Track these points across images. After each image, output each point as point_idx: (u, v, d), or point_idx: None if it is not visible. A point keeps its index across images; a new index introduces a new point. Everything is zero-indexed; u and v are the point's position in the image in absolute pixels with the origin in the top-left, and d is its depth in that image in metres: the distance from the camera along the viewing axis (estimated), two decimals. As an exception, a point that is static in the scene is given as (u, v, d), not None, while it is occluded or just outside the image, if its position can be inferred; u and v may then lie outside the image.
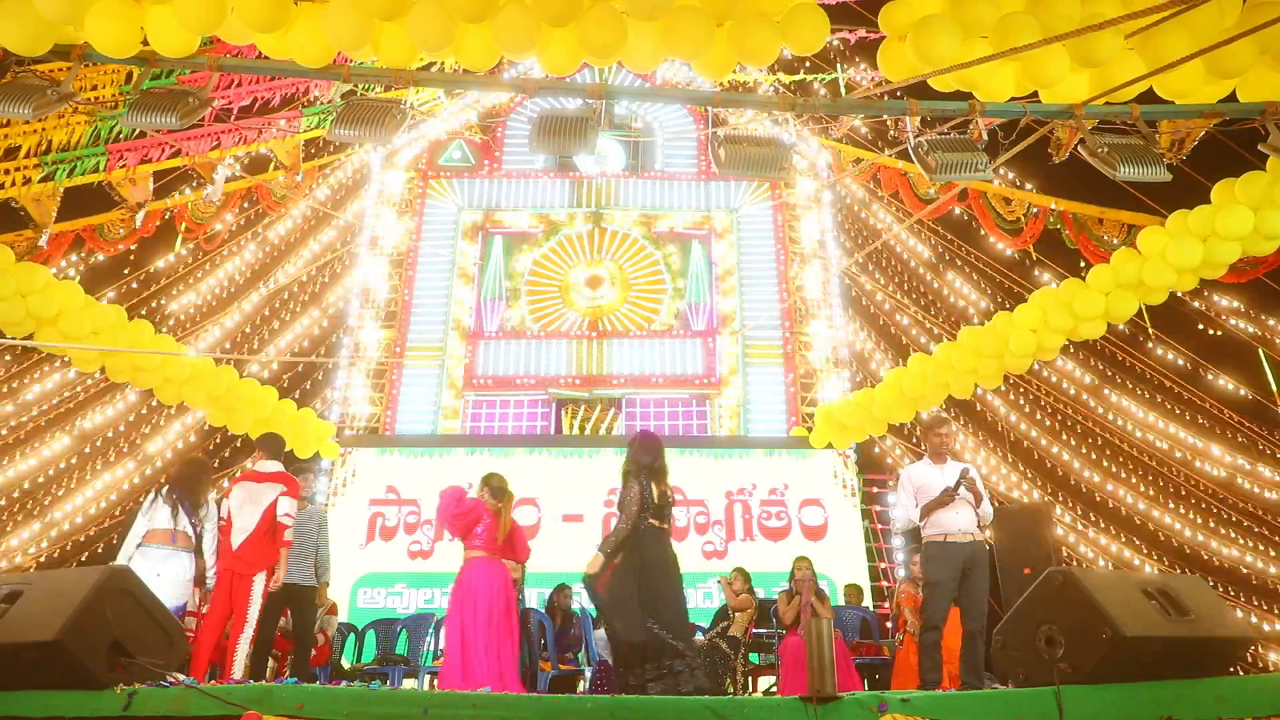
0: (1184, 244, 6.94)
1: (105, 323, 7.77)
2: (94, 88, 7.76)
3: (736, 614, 7.69)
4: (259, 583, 5.58)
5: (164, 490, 5.51)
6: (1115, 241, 8.70)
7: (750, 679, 7.60)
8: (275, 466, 5.97)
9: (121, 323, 8.01)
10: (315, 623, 6.73)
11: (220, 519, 5.69)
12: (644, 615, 4.88)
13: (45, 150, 7.80)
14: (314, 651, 6.83)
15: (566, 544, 10.42)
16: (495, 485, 5.86)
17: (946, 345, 9.13)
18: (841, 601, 9.19)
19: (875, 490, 11.22)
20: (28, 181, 7.78)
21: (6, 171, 7.71)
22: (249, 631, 5.49)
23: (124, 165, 8.34)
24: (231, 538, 5.64)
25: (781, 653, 6.84)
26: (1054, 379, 12.80)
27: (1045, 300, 8.09)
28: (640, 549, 5.08)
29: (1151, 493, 12.65)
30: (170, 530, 5.33)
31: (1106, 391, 12.69)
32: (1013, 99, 5.31)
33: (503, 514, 5.75)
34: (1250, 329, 11.04)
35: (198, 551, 5.44)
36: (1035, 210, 9.67)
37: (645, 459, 5.28)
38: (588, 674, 6.70)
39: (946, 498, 5.26)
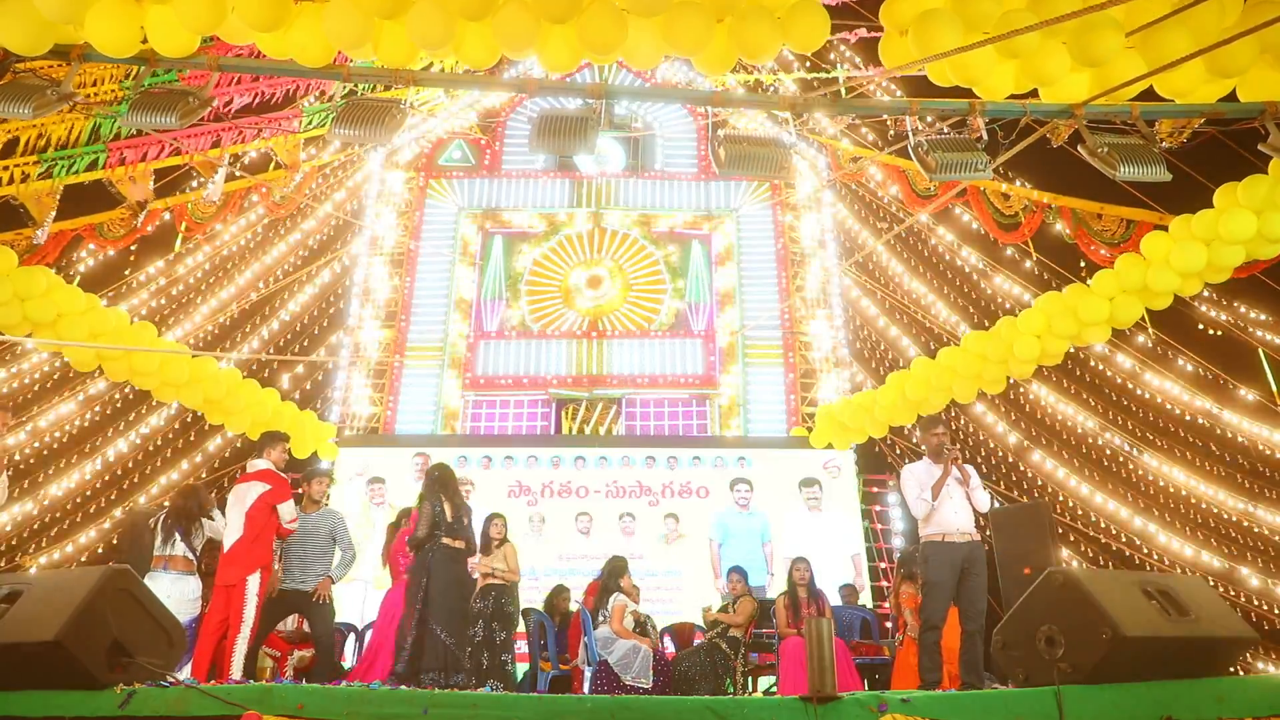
0: (1187, 248, 6.92)
1: (105, 327, 7.71)
2: (94, 83, 7.75)
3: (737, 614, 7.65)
4: (252, 583, 5.59)
5: (160, 520, 6.02)
6: (1104, 239, 8.68)
7: (750, 679, 7.57)
8: (261, 464, 5.95)
9: (122, 327, 7.96)
10: (333, 629, 6.58)
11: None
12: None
13: (44, 148, 7.78)
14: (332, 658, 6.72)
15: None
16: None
17: (950, 350, 9.02)
18: (840, 601, 9.17)
19: (875, 490, 11.21)
20: (26, 178, 7.76)
21: (5, 168, 7.69)
22: (245, 632, 5.51)
23: (124, 162, 8.32)
24: (225, 540, 5.71)
25: (781, 653, 6.82)
26: (1053, 377, 12.78)
27: (1049, 305, 8.03)
28: (429, 571, 5.72)
29: (1152, 493, 12.63)
30: (164, 557, 5.78)
31: (1106, 391, 12.68)
32: (1012, 97, 5.31)
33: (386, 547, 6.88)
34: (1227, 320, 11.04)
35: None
36: (1033, 206, 9.65)
37: (435, 472, 6.07)
38: (587, 674, 6.68)
39: (945, 473, 5.37)
